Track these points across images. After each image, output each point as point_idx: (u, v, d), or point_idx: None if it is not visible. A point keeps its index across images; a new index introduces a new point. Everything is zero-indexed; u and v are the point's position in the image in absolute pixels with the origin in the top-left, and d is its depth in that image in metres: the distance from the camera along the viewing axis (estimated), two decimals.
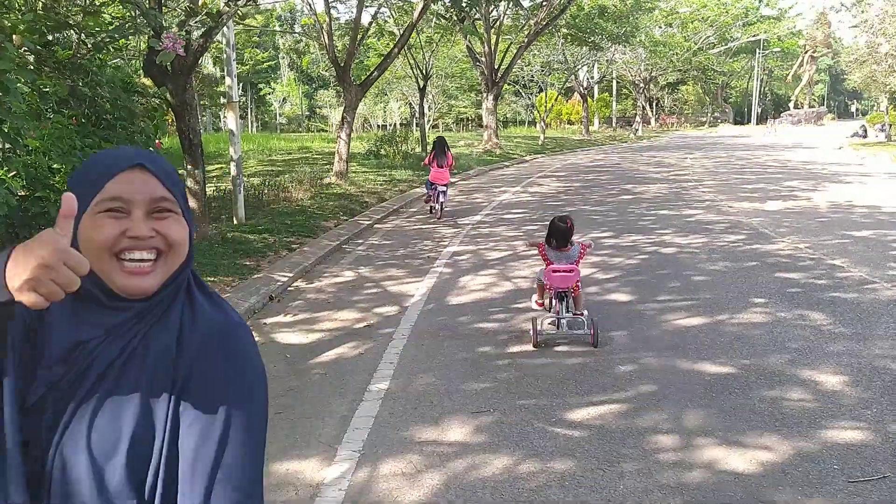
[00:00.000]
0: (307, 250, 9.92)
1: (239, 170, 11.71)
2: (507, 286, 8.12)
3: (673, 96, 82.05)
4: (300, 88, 73.83)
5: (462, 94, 58.11)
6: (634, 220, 12.65)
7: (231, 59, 11.60)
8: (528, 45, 31.52)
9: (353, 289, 8.17)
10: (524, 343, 6.07)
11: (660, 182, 19.26)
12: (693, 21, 52.62)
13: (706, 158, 28.94)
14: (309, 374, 5.53)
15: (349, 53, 17.53)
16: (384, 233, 11.99)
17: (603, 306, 7.14)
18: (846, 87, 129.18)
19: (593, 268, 8.84)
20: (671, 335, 6.18)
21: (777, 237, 10.67)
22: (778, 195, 15.74)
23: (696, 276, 8.28)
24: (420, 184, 18.60)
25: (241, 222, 11.51)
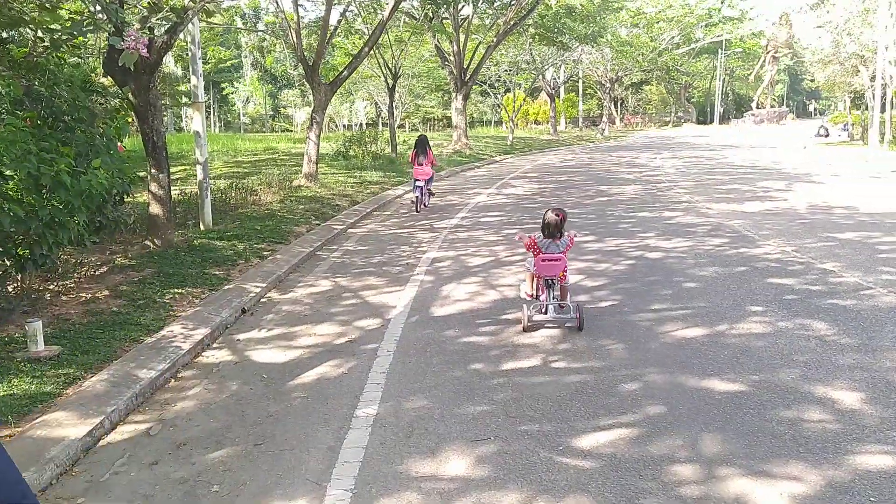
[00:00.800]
0: (279, 258, 9.45)
1: (205, 173, 11.18)
2: (492, 295, 7.75)
3: (637, 96, 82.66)
4: (264, 88, 72.81)
5: (429, 94, 57.74)
6: (615, 222, 12.38)
7: (196, 58, 11.06)
8: (496, 44, 31.25)
9: (331, 300, 7.73)
10: (519, 359, 5.70)
11: (633, 183, 19.08)
12: (658, 21, 52.87)
13: (675, 158, 28.94)
14: (289, 397, 5.10)
15: (318, 52, 17.04)
16: (359, 238, 11.55)
17: (595, 316, 6.81)
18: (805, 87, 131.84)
19: (580, 274, 8.52)
20: (672, 348, 5.87)
21: (761, 240, 10.47)
22: (754, 196, 15.63)
23: (688, 283, 8.00)
24: (392, 185, 18.19)
25: (208, 228, 10.98)
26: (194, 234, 10.31)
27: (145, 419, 4.81)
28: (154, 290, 7.46)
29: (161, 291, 7.42)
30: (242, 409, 4.91)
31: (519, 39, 37.80)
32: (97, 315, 6.59)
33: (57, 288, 7.37)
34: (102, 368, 5.42)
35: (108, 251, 9.16)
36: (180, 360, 5.72)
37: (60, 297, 7.10)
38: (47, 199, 6.16)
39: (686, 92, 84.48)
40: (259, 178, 15.78)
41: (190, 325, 6.45)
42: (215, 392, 5.24)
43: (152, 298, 7.17)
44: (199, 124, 11.19)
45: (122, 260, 8.59)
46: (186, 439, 4.48)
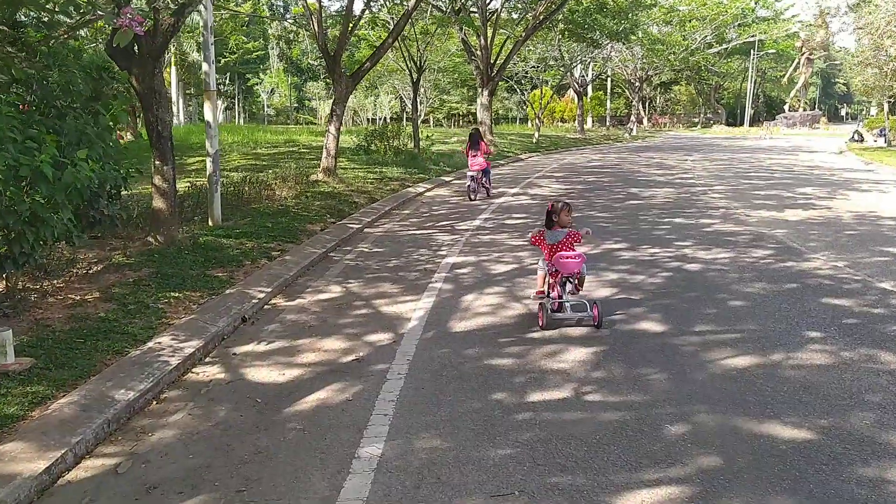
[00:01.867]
0: (289, 259, 8.82)
1: (215, 166, 10.58)
2: (516, 308, 7.06)
3: (665, 96, 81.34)
4: (289, 79, 72.56)
5: (454, 89, 57.01)
6: (648, 229, 11.62)
7: (209, 44, 10.46)
8: (525, 39, 30.45)
9: (341, 308, 7.08)
10: (547, 388, 5.01)
11: (665, 186, 18.25)
12: (691, 20, 51.66)
13: (707, 161, 27.98)
14: (283, 428, 4.45)
15: (340, 42, 16.40)
16: (375, 238, 10.90)
17: (633, 338, 6.09)
18: (837, 90, 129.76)
19: (613, 287, 7.80)
20: (722, 381, 5.14)
21: (809, 252, 9.67)
22: (795, 203, 14.76)
23: (733, 301, 7.25)
24: (412, 183, 17.55)
25: (216, 224, 10.38)
26: (201, 231, 9.71)
27: (116, 452, 4.18)
28: (149, 293, 6.86)
29: (156, 295, 6.81)
30: (228, 443, 4.27)
31: (548, 35, 36.93)
32: (82, 321, 5.99)
33: (44, 288, 6.79)
34: (77, 386, 4.82)
35: (107, 247, 8.59)
36: (165, 379, 5.10)
37: (46, 299, 6.52)
38: (28, 192, 5.57)
39: (716, 93, 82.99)
40: (275, 172, 15.17)
41: (182, 335, 5.83)
42: (200, 419, 4.60)
43: (145, 303, 6.56)
44: (209, 114, 10.59)
45: (119, 257, 8.01)
46: (159, 480, 3.85)
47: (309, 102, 76.82)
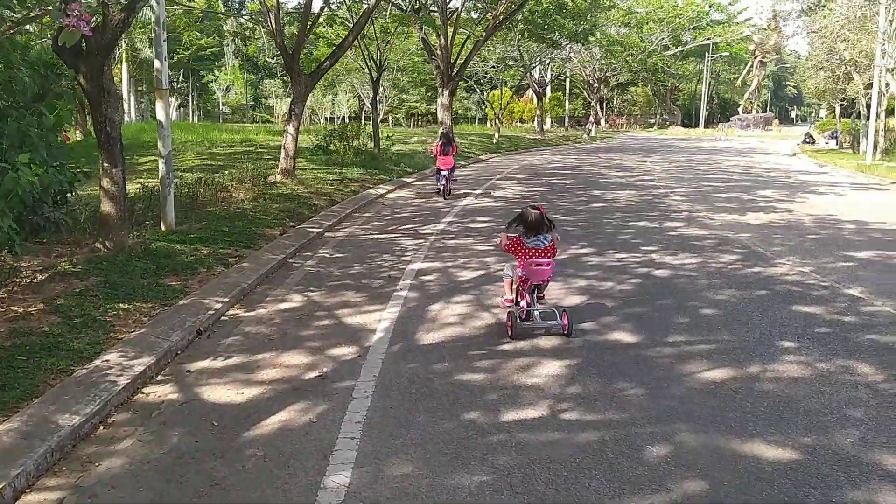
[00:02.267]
0: (246, 266, 8.46)
1: (168, 167, 10.15)
2: (485, 318, 6.83)
3: (622, 97, 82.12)
4: (245, 77, 71.39)
5: (414, 89, 56.70)
6: (613, 232, 11.51)
7: (161, 40, 10.01)
8: (486, 39, 30.31)
9: (302, 319, 6.76)
10: (521, 406, 4.78)
11: (627, 188, 18.24)
12: (648, 22, 52.17)
13: (666, 162, 28.19)
14: (242, 455, 4.14)
15: (298, 40, 16.02)
16: (336, 243, 10.57)
17: (606, 349, 5.91)
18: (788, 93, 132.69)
19: (583, 294, 7.63)
20: (700, 395, 4.98)
21: (775, 257, 9.64)
22: (756, 207, 14.83)
23: (705, 309, 7.12)
24: (373, 184, 17.24)
25: (169, 228, 9.95)
26: (153, 236, 9.28)
27: (59, 485, 3.83)
28: (96, 304, 6.45)
29: (104, 306, 6.41)
30: (182, 473, 3.95)
31: (508, 35, 36.89)
32: (24, 336, 5.58)
33: None
34: (18, 410, 4.44)
35: (53, 254, 8.13)
36: (113, 400, 4.74)
37: None
38: None
39: (672, 94, 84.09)
40: (232, 173, 14.72)
41: (132, 351, 5.46)
42: (152, 445, 4.27)
43: (92, 315, 6.16)
44: (162, 113, 10.15)
45: (65, 265, 7.57)
46: None
47: (266, 100, 75.72)
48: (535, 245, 6.22)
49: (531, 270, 6.19)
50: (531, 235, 6.24)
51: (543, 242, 6.25)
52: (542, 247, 6.24)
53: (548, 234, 6.29)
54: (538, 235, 6.24)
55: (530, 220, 6.23)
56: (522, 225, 6.27)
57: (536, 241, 6.24)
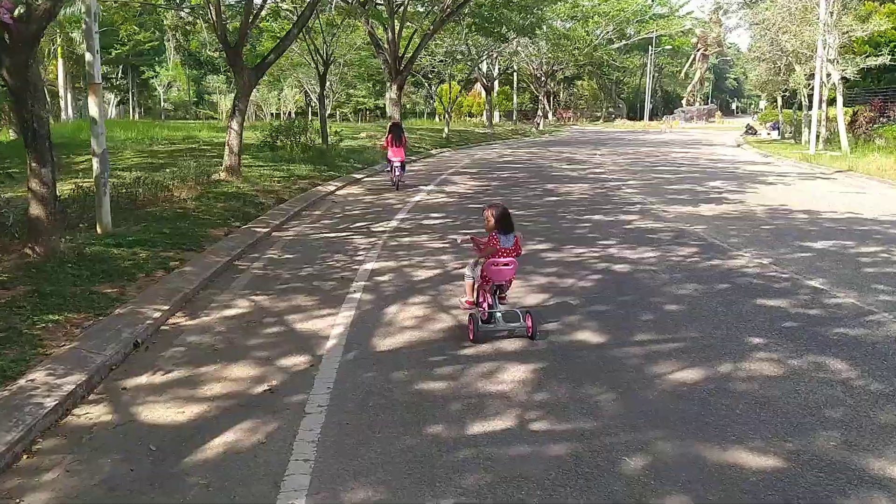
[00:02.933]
0: (189, 270, 7.97)
1: (104, 166, 9.57)
2: (445, 320, 6.51)
3: (568, 91, 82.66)
4: (188, 72, 69.67)
5: (361, 83, 55.99)
6: (569, 227, 11.32)
7: (92, 32, 9.41)
8: (433, 32, 29.94)
9: (249, 327, 6.34)
10: (487, 417, 4.48)
11: (580, 181, 18.14)
12: (593, 15, 52.48)
13: (615, 155, 28.31)
14: (183, 484, 3.74)
15: (241, 32, 15.45)
16: (285, 243, 10.12)
17: (572, 350, 5.66)
18: (728, 85, 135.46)
19: (543, 292, 7.37)
20: (674, 399, 4.75)
21: (732, 250, 9.55)
22: (708, 198, 14.84)
23: (669, 305, 6.94)
24: (323, 181, 16.77)
25: (105, 231, 9.38)
26: (87, 240, 8.70)
27: None
28: (22, 316, 5.93)
29: (31, 319, 5.89)
30: None
31: (455, 29, 36.58)
32: None
33: None
34: None
35: None
36: (39, 425, 4.28)
37: None
38: None
39: (617, 88, 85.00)
40: (173, 171, 14.08)
41: (61, 368, 4.99)
42: (81, 475, 3.83)
43: (17, 329, 5.64)
44: (95, 109, 9.56)
45: None
46: None
47: (209, 97, 74.03)
48: (505, 244, 5.92)
49: (494, 271, 5.90)
50: (503, 233, 5.94)
51: (509, 241, 5.95)
52: (509, 246, 5.94)
53: (511, 233, 6.00)
54: (508, 234, 5.95)
55: (502, 217, 5.93)
56: (498, 223, 5.93)
57: (506, 239, 5.94)
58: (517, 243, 6.03)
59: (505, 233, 5.94)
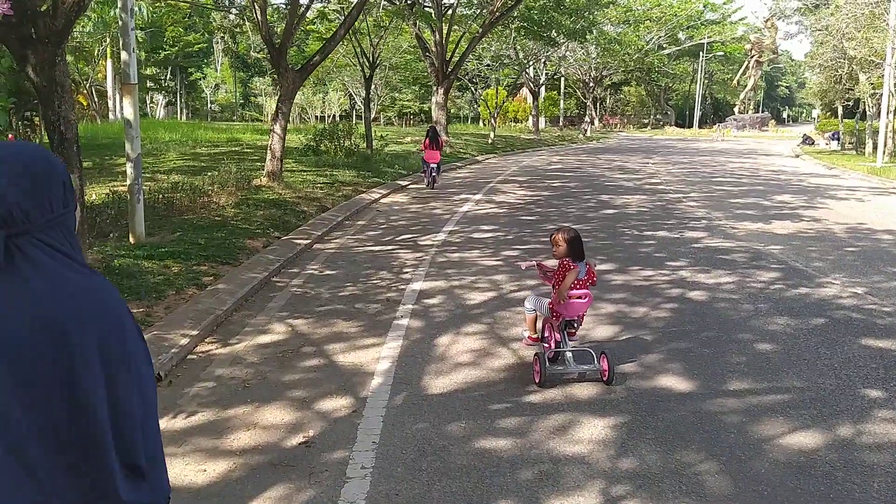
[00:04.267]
0: (223, 288, 7.33)
1: (137, 172, 9.02)
2: (503, 356, 5.74)
3: (615, 97, 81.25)
4: (235, 75, 70.19)
5: (406, 87, 55.57)
6: (632, 244, 10.45)
7: (128, 29, 8.86)
8: (482, 35, 29.27)
9: (285, 358, 5.65)
10: (566, 492, 3.70)
11: (636, 192, 17.20)
12: (645, 20, 51.27)
13: (669, 164, 27.21)
14: None
15: (286, 32, 14.91)
16: (327, 257, 9.45)
17: (657, 401, 4.84)
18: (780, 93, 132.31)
19: (614, 324, 6.55)
20: (792, 473, 3.90)
21: (819, 275, 8.61)
22: (779, 214, 13.81)
23: (761, 344, 6.06)
24: (366, 188, 16.15)
25: (138, 241, 8.83)
26: (117, 251, 8.14)
27: None
28: None
29: None
30: None
31: (503, 33, 35.83)
32: None
33: None
34: None
35: None
36: None
37: None
38: None
39: (665, 94, 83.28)
40: (212, 176, 13.57)
41: None
42: None
43: None
44: (129, 110, 9.01)
45: None
46: None
47: (255, 98, 74.57)
48: (577, 274, 5.17)
49: (565, 305, 5.12)
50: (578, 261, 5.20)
51: (583, 271, 5.20)
52: (583, 276, 5.19)
53: (583, 261, 5.23)
54: (579, 262, 5.20)
55: (576, 241, 5.17)
56: (570, 249, 5.16)
57: (578, 269, 5.19)
58: (590, 272, 5.26)
59: (577, 260, 5.18)
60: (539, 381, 5.07)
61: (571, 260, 5.14)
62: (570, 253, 5.15)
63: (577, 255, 5.17)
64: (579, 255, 5.19)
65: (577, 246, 5.16)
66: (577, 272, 5.11)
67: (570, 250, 5.14)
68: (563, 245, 5.15)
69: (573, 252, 5.16)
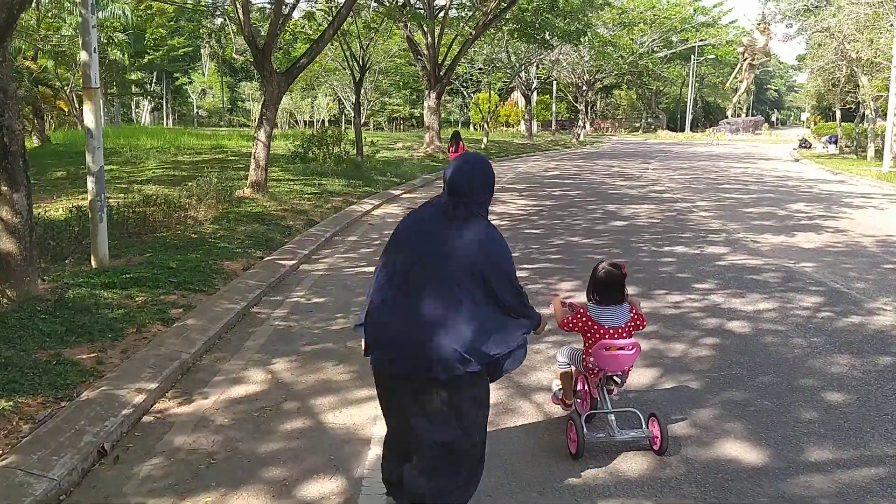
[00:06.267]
0: (193, 324, 6.31)
1: (100, 187, 8.00)
2: (528, 413, 4.77)
3: (606, 101, 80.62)
4: (222, 79, 69.05)
5: (396, 91, 54.59)
6: (650, 262, 9.50)
7: (89, 26, 7.84)
8: (475, 37, 28.41)
9: (262, 419, 4.65)
10: None
11: (642, 201, 16.28)
12: (639, 23, 50.54)
13: (669, 170, 26.36)
14: None
15: (270, 33, 13.90)
16: (314, 281, 8.44)
17: (725, 479, 3.88)
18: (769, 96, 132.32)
19: (651, 366, 5.59)
20: None
21: (865, 299, 7.69)
22: (798, 225, 12.91)
23: (829, 393, 5.10)
24: (357, 198, 15.18)
25: (101, 265, 7.81)
26: (75, 278, 7.12)
27: None
28: None
29: None
30: None
31: (495, 36, 34.94)
32: None
33: None
34: None
35: None
36: None
37: None
38: None
39: (656, 98, 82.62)
40: (189, 188, 12.53)
41: None
42: None
43: None
44: (90, 118, 7.97)
45: None
46: None
47: (243, 103, 73.54)
48: (608, 322, 4.18)
49: (605, 357, 4.15)
50: (602, 305, 4.22)
51: (621, 318, 4.22)
52: (620, 324, 4.20)
53: (625, 304, 4.26)
54: (612, 306, 4.21)
55: (603, 282, 4.20)
56: (593, 288, 4.24)
57: (610, 315, 4.21)
58: (635, 314, 4.29)
59: (609, 303, 4.21)
60: (576, 452, 4.10)
61: (598, 303, 4.19)
62: (598, 297, 4.21)
63: (610, 297, 4.21)
64: (614, 298, 4.21)
65: (608, 288, 4.20)
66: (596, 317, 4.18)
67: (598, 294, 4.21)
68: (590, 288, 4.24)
69: (604, 296, 4.20)
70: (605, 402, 4.30)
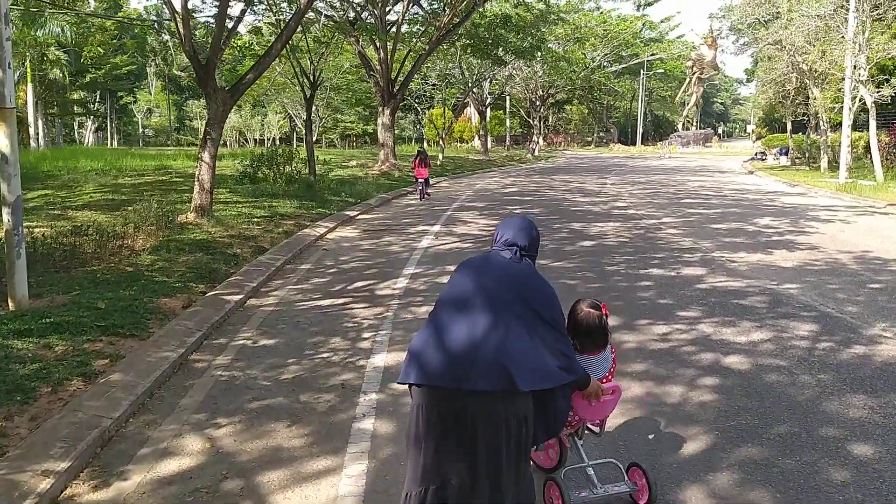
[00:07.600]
0: (118, 379, 5.43)
1: (17, 219, 7.06)
2: None
3: (558, 115, 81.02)
4: (169, 97, 67.42)
5: (349, 108, 53.77)
6: (627, 287, 8.88)
7: (3, 39, 6.91)
8: (429, 52, 27.82)
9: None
10: None
11: (608, 219, 15.76)
12: (590, 38, 50.72)
13: (627, 185, 26.07)
14: None
15: (213, 48, 13.04)
16: (263, 320, 7.59)
17: None
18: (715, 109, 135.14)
19: (651, 415, 4.91)
20: None
21: (861, 324, 7.17)
22: (769, 241, 12.49)
23: (855, 445, 4.47)
24: (310, 221, 14.35)
25: (18, 307, 6.87)
26: None
27: None
28: None
29: None
30: None
31: (448, 51, 34.45)
32: None
33: None
34: None
35: None
36: None
37: None
38: None
39: (608, 112, 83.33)
40: (126, 216, 11.55)
41: None
42: None
43: None
44: (4, 142, 7.01)
45: None
46: None
47: (191, 122, 71.99)
48: (591, 374, 3.47)
49: (586, 407, 3.53)
50: (583, 354, 3.56)
51: (604, 366, 3.62)
52: (605, 373, 3.62)
53: (606, 353, 3.64)
54: (594, 354, 3.59)
55: (584, 328, 3.56)
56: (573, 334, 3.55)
57: (591, 362, 3.57)
58: (614, 356, 3.72)
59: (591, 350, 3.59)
60: None
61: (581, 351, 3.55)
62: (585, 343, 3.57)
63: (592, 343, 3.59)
64: (595, 343, 3.59)
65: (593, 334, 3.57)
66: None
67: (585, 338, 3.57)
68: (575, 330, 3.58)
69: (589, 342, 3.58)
70: (581, 454, 3.65)
